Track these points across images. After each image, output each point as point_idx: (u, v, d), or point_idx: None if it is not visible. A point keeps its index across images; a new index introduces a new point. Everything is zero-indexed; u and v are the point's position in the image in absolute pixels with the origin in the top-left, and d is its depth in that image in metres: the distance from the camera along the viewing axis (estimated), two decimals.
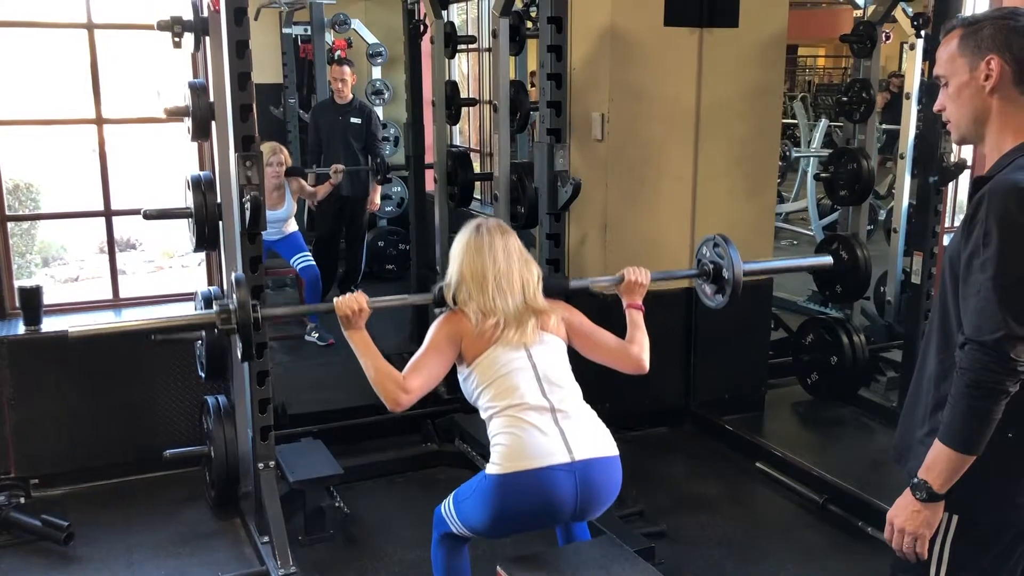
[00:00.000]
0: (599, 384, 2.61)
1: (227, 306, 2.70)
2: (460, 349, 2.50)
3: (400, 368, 2.49)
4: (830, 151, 5.98)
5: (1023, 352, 1.63)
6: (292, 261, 5.67)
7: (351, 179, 6.36)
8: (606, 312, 3.06)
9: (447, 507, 2.55)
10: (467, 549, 2.64)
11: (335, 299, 2.53)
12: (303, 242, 5.80)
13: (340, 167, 5.99)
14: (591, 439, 2.44)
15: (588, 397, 2.63)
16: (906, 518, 1.78)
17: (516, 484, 2.34)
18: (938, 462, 1.72)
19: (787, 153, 7.18)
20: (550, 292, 2.65)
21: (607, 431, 2.50)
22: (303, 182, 5.86)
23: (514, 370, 2.46)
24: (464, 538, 2.57)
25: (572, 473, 2.35)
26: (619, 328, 2.76)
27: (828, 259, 3.57)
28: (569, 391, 2.51)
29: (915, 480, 1.76)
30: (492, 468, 2.38)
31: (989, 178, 1.73)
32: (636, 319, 2.77)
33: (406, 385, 2.42)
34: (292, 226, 5.67)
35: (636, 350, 2.68)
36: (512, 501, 2.36)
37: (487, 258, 2.51)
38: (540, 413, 2.41)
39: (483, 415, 2.50)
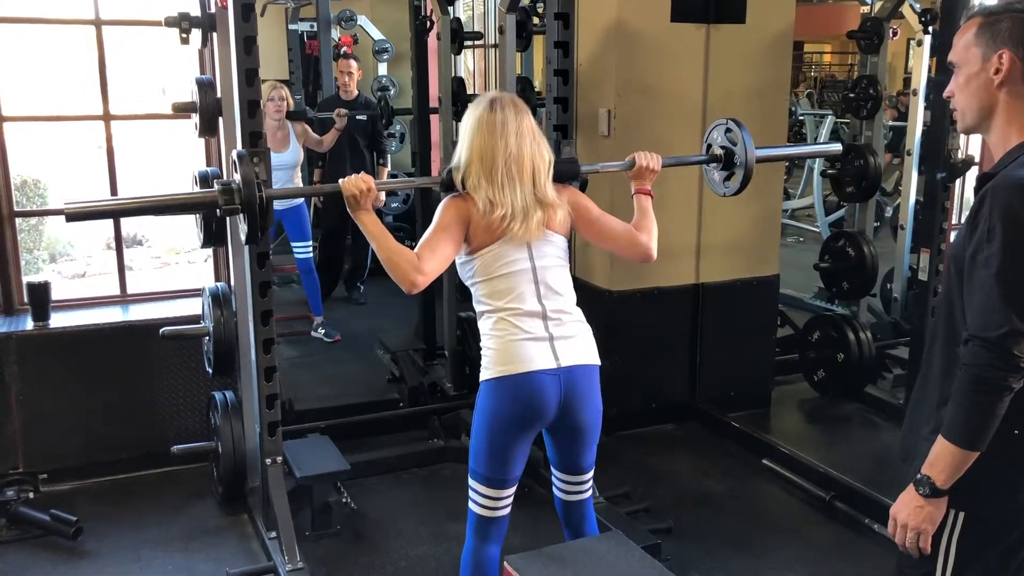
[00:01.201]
0: (606, 384, 2.61)
1: (230, 184, 2.60)
2: (467, 232, 2.46)
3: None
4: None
5: None
6: (293, 245, 5.69)
7: (357, 174, 6.35)
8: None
9: (468, 482, 2.57)
10: (497, 555, 2.60)
11: (340, 180, 2.49)
12: (308, 226, 5.78)
13: (343, 111, 5.96)
14: (578, 347, 2.48)
15: None
16: (909, 514, 1.78)
17: (505, 385, 2.41)
18: (941, 458, 1.73)
19: (794, 109, 7.16)
20: (560, 178, 2.60)
21: (592, 340, 2.54)
22: (307, 126, 5.83)
23: (514, 271, 2.46)
24: (491, 525, 2.55)
25: (557, 376, 2.42)
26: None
27: (837, 146, 3.52)
28: (564, 298, 2.52)
29: (918, 476, 1.77)
30: (484, 373, 2.45)
31: (994, 175, 1.73)
32: (645, 205, 2.74)
33: (422, 267, 2.38)
34: (298, 178, 5.63)
35: (644, 237, 2.65)
36: (502, 401, 2.42)
37: (499, 139, 2.43)
38: (532, 318, 2.44)
39: (476, 307, 2.52)
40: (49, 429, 3.96)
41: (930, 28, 4.74)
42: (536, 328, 2.44)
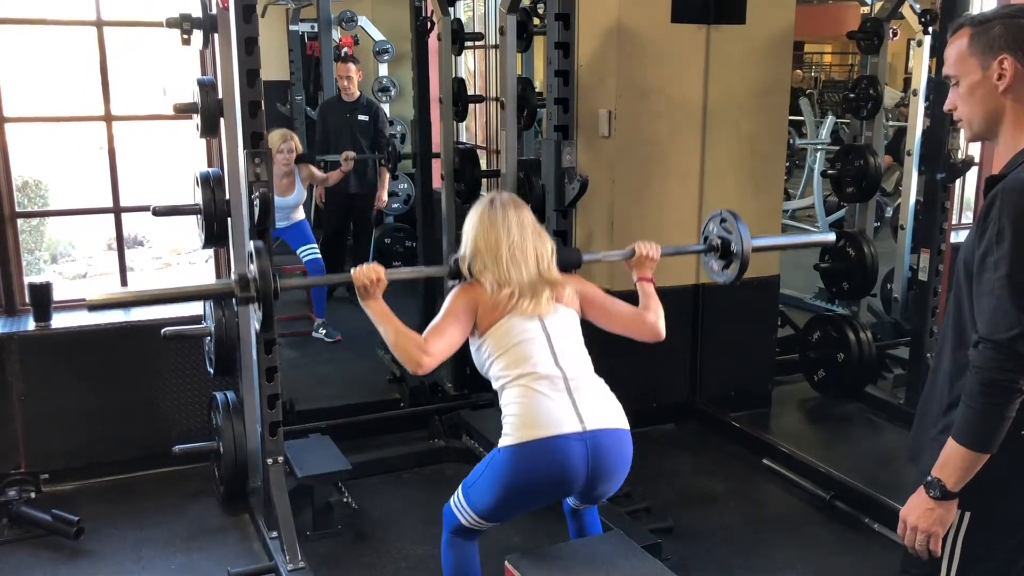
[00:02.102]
0: (606, 381, 2.62)
1: (246, 275, 2.67)
2: (475, 318, 2.51)
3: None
4: (837, 147, 5.98)
5: None
6: (299, 251, 5.69)
7: (358, 176, 6.39)
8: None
9: (456, 498, 2.56)
10: (476, 548, 2.64)
11: (352, 269, 2.54)
12: (310, 231, 5.80)
13: (351, 154, 6.01)
14: (603, 410, 2.45)
15: None
16: (919, 516, 1.78)
17: (529, 453, 2.35)
18: (952, 460, 1.73)
19: (792, 142, 7.15)
20: (563, 266, 2.67)
21: (618, 404, 2.51)
22: (313, 168, 5.86)
23: (527, 340, 2.47)
24: (474, 532, 2.57)
25: (583, 442, 2.36)
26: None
27: (831, 236, 3.59)
28: (581, 361, 2.52)
29: (929, 478, 1.77)
30: (505, 440, 2.40)
31: (1002, 176, 1.72)
32: (648, 290, 2.78)
33: (427, 348, 2.42)
34: (300, 214, 5.68)
35: (652, 317, 2.69)
36: (524, 471, 2.36)
37: (501, 230, 2.52)
38: (552, 382, 2.42)
39: (495, 385, 2.51)
40: (51, 429, 3.97)
41: (930, 28, 4.75)
42: (557, 391, 2.42)
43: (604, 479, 2.44)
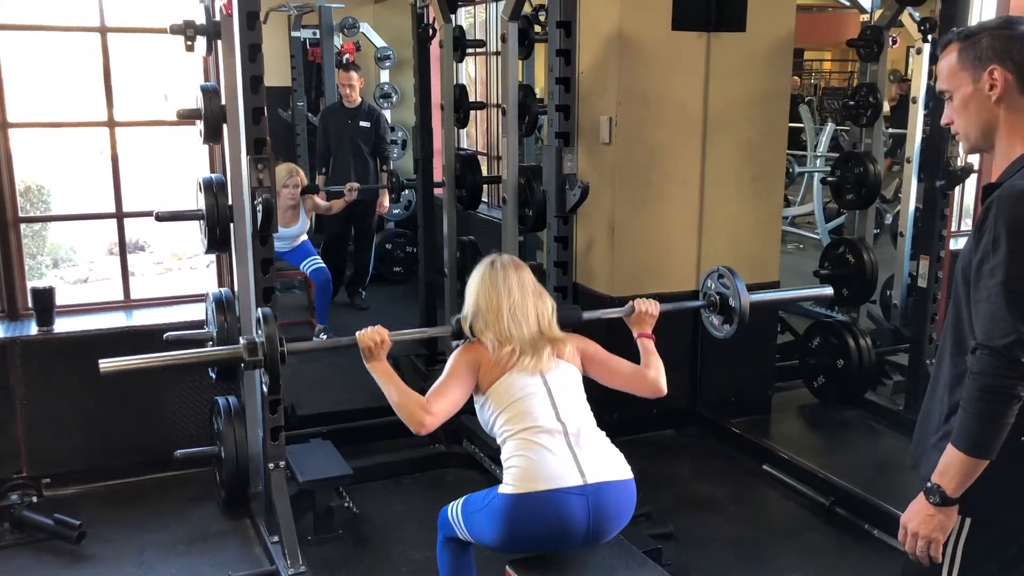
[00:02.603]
0: (606, 389, 2.64)
1: (254, 340, 2.74)
2: (477, 377, 2.54)
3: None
4: (836, 155, 5.99)
5: None
6: (302, 266, 5.74)
7: (360, 182, 6.40)
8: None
9: (454, 513, 2.57)
10: (472, 551, 2.67)
11: (357, 333, 2.60)
12: (312, 248, 5.87)
13: (356, 185, 6.06)
14: (604, 462, 2.47)
15: (596, 403, 2.67)
16: (920, 522, 1.79)
17: (528, 505, 2.37)
18: (951, 466, 1.74)
19: (791, 170, 7.16)
20: (563, 323, 2.72)
21: (620, 455, 2.53)
22: (317, 199, 5.94)
23: (529, 395, 2.49)
24: (469, 542, 2.61)
25: (584, 496, 2.38)
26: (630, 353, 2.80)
27: (828, 290, 3.67)
28: (583, 416, 2.54)
29: (929, 484, 1.78)
30: (505, 488, 2.42)
31: (999, 184, 1.74)
32: (648, 346, 2.82)
33: (430, 408, 2.47)
34: (302, 239, 5.75)
35: (652, 374, 2.72)
36: (524, 522, 2.38)
37: (502, 291, 2.58)
38: (553, 436, 2.44)
39: (498, 440, 2.53)
40: (53, 433, 3.98)
41: (929, 36, 4.77)
42: (558, 445, 2.43)
43: (605, 530, 2.46)
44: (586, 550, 2.59)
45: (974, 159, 4.21)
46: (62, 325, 4.05)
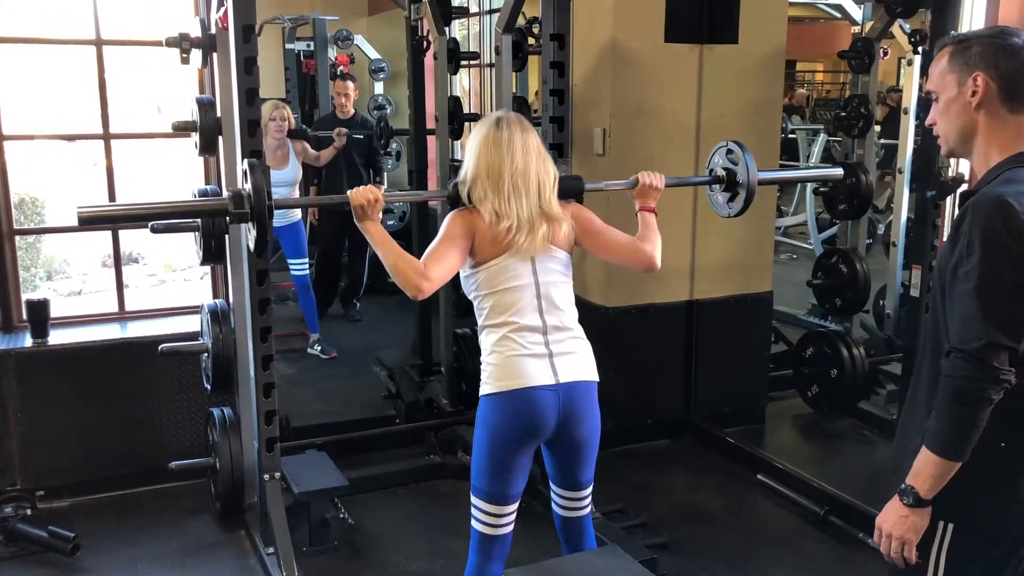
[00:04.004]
0: (602, 400, 2.65)
1: (240, 192, 2.64)
2: (472, 245, 2.49)
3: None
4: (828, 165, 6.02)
5: (1006, 360, 1.68)
6: (289, 262, 5.72)
7: None
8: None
9: (471, 498, 2.57)
10: (500, 573, 2.61)
11: (349, 191, 2.51)
12: (304, 242, 5.80)
13: (344, 130, 6.02)
14: (577, 364, 2.52)
15: None
16: (894, 523, 1.82)
17: (504, 400, 2.45)
18: (925, 468, 1.77)
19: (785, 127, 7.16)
20: (564, 194, 2.64)
21: (591, 357, 2.58)
22: (306, 144, 5.88)
23: (517, 286, 2.49)
24: (494, 543, 2.56)
25: (556, 392, 2.45)
26: None
27: (839, 170, 3.57)
28: (566, 314, 2.55)
29: (903, 486, 1.81)
30: (484, 388, 2.49)
31: (975, 192, 1.78)
32: (649, 220, 2.77)
33: (427, 273, 2.41)
34: (297, 213, 5.68)
35: (648, 248, 2.68)
36: (501, 416, 2.46)
37: (505, 154, 2.48)
38: (532, 333, 2.47)
39: (478, 319, 2.55)
40: (47, 446, 3.97)
41: (920, 48, 4.81)
42: (536, 344, 2.47)
43: (574, 424, 2.51)
44: (583, 560, 2.60)
45: (965, 169, 4.23)
46: (56, 337, 4.04)
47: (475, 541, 2.59)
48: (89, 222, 2.54)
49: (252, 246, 2.77)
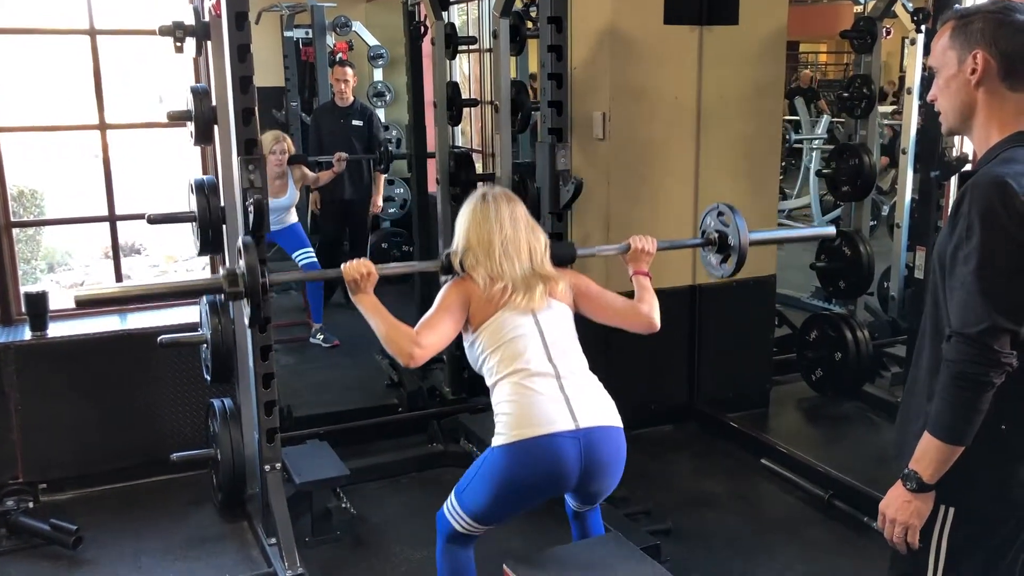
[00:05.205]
0: (604, 386, 2.62)
1: (235, 270, 2.66)
2: (468, 313, 2.50)
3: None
4: (832, 146, 5.98)
5: (1007, 344, 1.65)
6: (294, 256, 5.68)
7: (353, 181, 6.38)
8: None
9: (449, 503, 2.55)
10: (472, 555, 2.62)
11: (343, 264, 2.54)
12: (304, 235, 5.77)
13: (343, 155, 5.99)
14: (596, 407, 2.44)
15: None
16: (897, 508, 1.80)
17: (522, 451, 2.34)
18: (927, 453, 1.75)
19: (787, 136, 7.15)
20: (557, 260, 2.65)
21: (612, 401, 2.50)
22: (305, 169, 5.85)
23: (520, 335, 2.45)
24: (468, 538, 2.56)
25: (577, 440, 2.35)
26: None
27: (831, 229, 3.60)
28: (575, 358, 2.51)
29: (906, 471, 1.79)
30: (498, 439, 2.39)
31: (974, 172, 1.75)
32: (644, 283, 2.77)
33: (419, 340, 2.42)
34: (293, 216, 5.65)
35: (646, 308, 2.68)
36: (518, 470, 2.35)
37: (493, 224, 2.51)
38: (545, 379, 2.41)
39: (488, 381, 2.50)
40: (48, 438, 3.96)
41: (923, 27, 4.76)
42: (550, 388, 2.40)
43: (598, 476, 2.42)
44: (585, 548, 2.58)
45: (969, 149, 4.19)
46: (56, 330, 4.03)
47: (447, 531, 2.58)
48: (86, 305, 2.59)
49: (247, 321, 2.80)
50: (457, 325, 2.50)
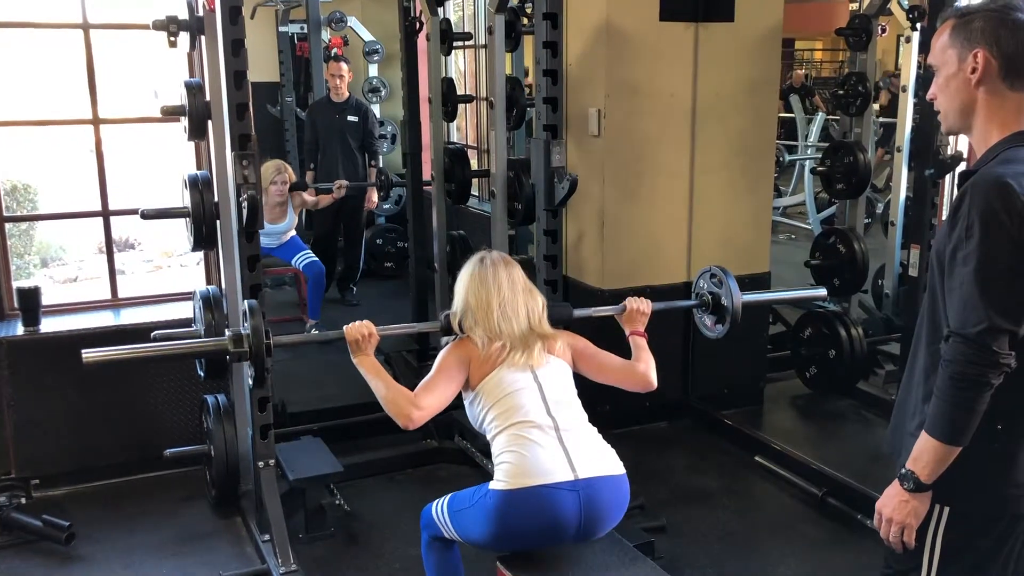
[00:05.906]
0: (599, 384, 2.63)
1: (239, 333, 2.71)
2: (468, 373, 2.53)
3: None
4: (827, 144, 5.98)
5: (1005, 344, 1.65)
6: (294, 260, 5.71)
7: (348, 178, 6.38)
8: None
9: (440, 511, 2.55)
10: (458, 549, 2.65)
11: (344, 326, 2.58)
12: (301, 242, 5.85)
13: (344, 183, 6.04)
14: (596, 458, 2.44)
15: (588, 396, 2.65)
16: (894, 508, 1.80)
17: (519, 501, 2.34)
18: (925, 453, 1.75)
19: (781, 159, 7.15)
20: (554, 321, 2.70)
21: (612, 451, 2.51)
22: (304, 196, 5.93)
23: (519, 390, 2.48)
24: (454, 541, 2.59)
25: (576, 492, 2.35)
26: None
27: (822, 291, 3.68)
28: (574, 411, 2.53)
29: (903, 470, 1.79)
30: (496, 484, 2.39)
31: (974, 172, 1.75)
32: (640, 343, 2.81)
33: (418, 402, 2.45)
34: (291, 233, 5.73)
35: (643, 368, 2.71)
36: (515, 519, 2.36)
37: (492, 287, 2.56)
38: (544, 431, 2.42)
39: (488, 436, 2.51)
40: (41, 434, 3.95)
41: (918, 24, 4.76)
42: (549, 441, 2.41)
43: (599, 525, 2.44)
44: (578, 546, 2.58)
45: (964, 147, 4.20)
46: (48, 325, 4.02)
47: (433, 532, 2.60)
48: (96, 367, 2.59)
49: (250, 383, 2.86)
50: (456, 386, 2.53)
